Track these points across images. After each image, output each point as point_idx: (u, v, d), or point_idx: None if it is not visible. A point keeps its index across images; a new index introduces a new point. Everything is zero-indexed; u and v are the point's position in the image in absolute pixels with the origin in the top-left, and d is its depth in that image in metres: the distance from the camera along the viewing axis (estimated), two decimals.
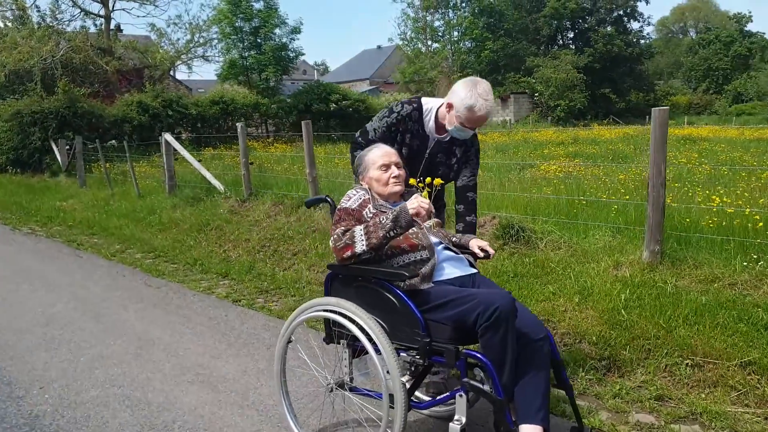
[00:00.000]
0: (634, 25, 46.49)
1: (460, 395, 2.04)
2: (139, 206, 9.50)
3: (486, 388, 2.02)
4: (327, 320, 2.46)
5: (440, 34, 47.52)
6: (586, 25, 45.09)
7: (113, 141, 15.93)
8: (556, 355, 2.25)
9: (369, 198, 2.49)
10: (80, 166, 13.20)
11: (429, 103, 2.91)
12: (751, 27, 54.37)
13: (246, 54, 27.71)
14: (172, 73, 29.00)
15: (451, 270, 2.39)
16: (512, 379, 2.04)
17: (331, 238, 2.36)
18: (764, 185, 6.17)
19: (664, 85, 50.78)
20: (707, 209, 4.78)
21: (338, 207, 2.47)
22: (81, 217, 9.80)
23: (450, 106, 2.72)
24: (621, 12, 45.02)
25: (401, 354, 2.21)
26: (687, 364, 3.23)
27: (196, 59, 26.66)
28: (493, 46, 43.61)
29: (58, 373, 3.51)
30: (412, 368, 2.27)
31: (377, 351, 2.15)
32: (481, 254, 2.56)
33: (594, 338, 3.56)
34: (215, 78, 33.54)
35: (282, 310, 4.78)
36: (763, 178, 6.70)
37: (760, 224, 4.07)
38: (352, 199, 2.47)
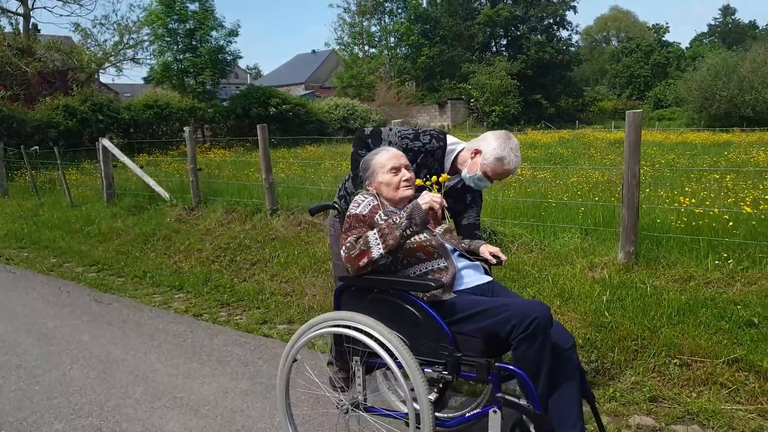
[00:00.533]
0: (563, 34, 48.40)
1: (494, 411, 1.92)
2: (74, 216, 8.87)
3: (523, 402, 1.91)
4: (338, 337, 2.28)
5: (377, 39, 47.74)
6: (519, 33, 46.49)
7: (36, 147, 14.91)
8: (578, 363, 2.17)
9: (379, 204, 2.35)
10: (1, 174, 12.26)
11: (452, 144, 2.80)
12: (668, 37, 57.91)
13: (181, 57, 26.74)
14: (96, 75, 27.57)
15: (470, 278, 2.29)
16: (547, 391, 1.95)
17: (343, 248, 2.20)
18: (712, 186, 6.43)
19: (591, 91, 53.05)
20: (671, 209, 4.90)
21: (348, 214, 2.32)
22: (6, 229, 9.06)
23: (477, 152, 2.64)
24: (551, 20, 46.72)
25: (425, 369, 2.07)
26: (675, 363, 3.26)
27: (125, 62, 25.48)
28: (429, 52, 44.22)
29: (13, 404, 3.14)
30: (440, 385, 2.14)
31: (399, 367, 2.01)
32: (494, 261, 2.47)
33: (580, 341, 3.54)
34: (142, 82, 32.22)
35: (250, 324, 4.53)
36: (710, 179, 7.00)
37: (731, 224, 4.19)
38: (361, 205, 2.32)
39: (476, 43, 46.59)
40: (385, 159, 2.43)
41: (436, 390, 2.10)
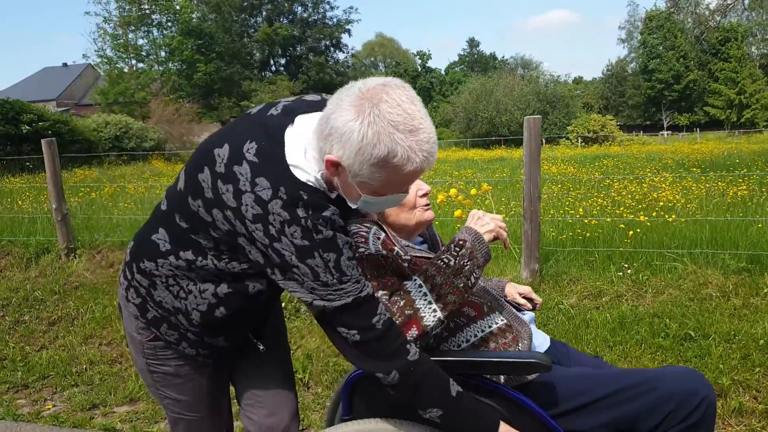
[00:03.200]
0: (340, 56, 50.11)
1: None
2: None
3: None
4: None
5: (145, 53, 43.94)
6: (298, 53, 46.85)
7: None
8: None
9: (387, 236, 1.53)
10: None
11: (304, 163, 1.28)
12: (431, 64, 63.66)
13: None
14: None
15: (538, 339, 1.61)
16: None
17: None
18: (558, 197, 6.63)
19: None
20: (558, 222, 4.78)
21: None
22: None
23: (336, 167, 1.22)
24: (328, 42, 48.00)
25: None
26: None
27: None
28: (205, 69, 42.12)
29: None
30: None
31: None
32: (529, 305, 1.80)
33: None
34: None
35: (73, 412, 3.23)
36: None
37: (630, 232, 4.13)
38: (369, 239, 1.47)
39: (255, 61, 45.79)
40: None
41: None
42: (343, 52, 49.93)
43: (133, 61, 42.67)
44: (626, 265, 3.90)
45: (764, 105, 43.52)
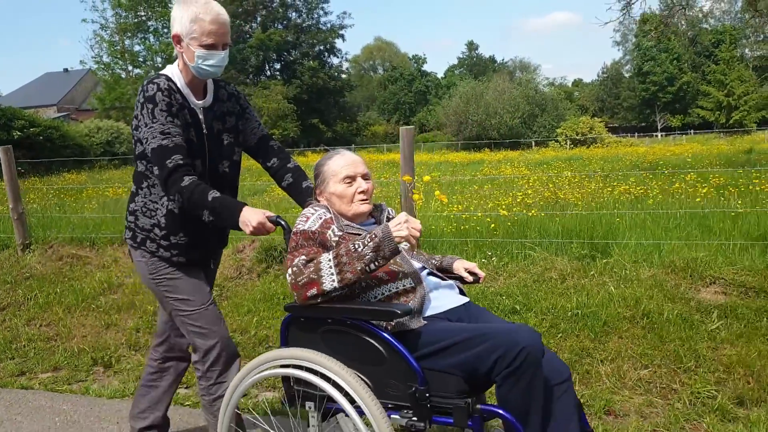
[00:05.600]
0: (334, 60, 50.75)
1: None
2: None
3: None
4: (288, 380, 1.96)
5: (141, 59, 44.67)
6: (292, 58, 47.56)
7: None
8: (576, 398, 1.93)
9: (332, 217, 2.00)
10: None
11: (172, 71, 2.26)
12: (426, 68, 64.50)
13: None
14: None
15: (442, 300, 1.96)
16: None
17: (289, 271, 1.87)
18: (473, 195, 7.22)
19: (363, 116, 56.47)
20: (442, 216, 5.37)
21: (294, 230, 1.97)
22: None
23: (178, 39, 2.16)
24: (322, 47, 48.68)
25: (392, 415, 1.79)
26: None
27: None
28: None
29: None
30: None
31: (361, 414, 1.75)
32: (470, 278, 2.17)
33: None
34: None
35: (3, 377, 3.84)
36: (470, 190, 7.86)
37: (492, 225, 4.72)
38: (310, 219, 1.97)
39: (250, 66, 46.49)
40: (338, 166, 2.06)
41: None
42: (337, 57, 50.64)
43: (130, 67, 43.48)
44: (490, 253, 4.49)
45: (752, 106, 43.94)
